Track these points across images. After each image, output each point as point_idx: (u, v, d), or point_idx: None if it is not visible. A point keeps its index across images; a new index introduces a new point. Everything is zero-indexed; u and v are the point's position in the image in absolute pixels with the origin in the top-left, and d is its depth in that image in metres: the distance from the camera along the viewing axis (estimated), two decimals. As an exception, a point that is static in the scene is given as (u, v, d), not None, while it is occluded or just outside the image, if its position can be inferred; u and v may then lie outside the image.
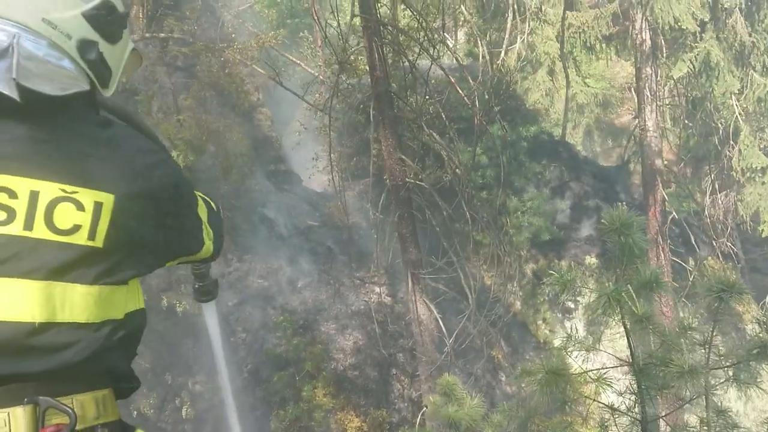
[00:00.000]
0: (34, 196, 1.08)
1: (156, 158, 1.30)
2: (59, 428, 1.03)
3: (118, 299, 1.17)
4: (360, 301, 12.86)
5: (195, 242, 1.45)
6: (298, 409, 10.91)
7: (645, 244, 3.46)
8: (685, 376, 2.85)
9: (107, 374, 1.17)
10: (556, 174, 14.27)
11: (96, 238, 1.12)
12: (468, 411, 4.49)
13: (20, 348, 1.03)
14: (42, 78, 1.13)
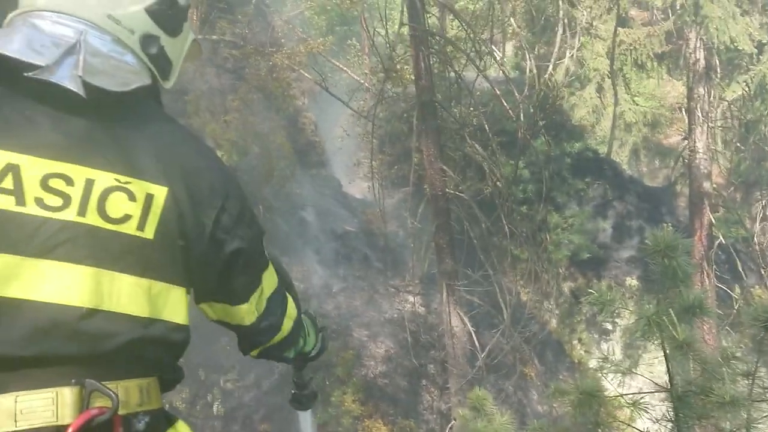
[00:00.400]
0: (89, 184, 1.10)
1: (218, 165, 1.30)
2: (102, 411, 1.04)
3: (172, 301, 1.17)
4: (393, 310, 12.84)
5: (241, 287, 1.34)
6: (327, 414, 10.94)
7: (690, 267, 3.36)
8: (725, 407, 2.74)
9: (153, 365, 1.18)
10: (599, 192, 14.01)
11: (145, 229, 1.13)
12: (497, 427, 4.42)
13: (69, 331, 1.05)
14: (106, 74, 1.16)
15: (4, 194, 1.06)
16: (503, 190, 9.13)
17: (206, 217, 1.21)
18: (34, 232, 1.06)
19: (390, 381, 11.72)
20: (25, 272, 1.04)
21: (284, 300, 1.49)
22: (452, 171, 9.61)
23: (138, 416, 1.13)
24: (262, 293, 1.39)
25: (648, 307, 3.39)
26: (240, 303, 1.35)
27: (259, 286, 1.37)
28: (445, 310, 9.04)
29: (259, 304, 1.38)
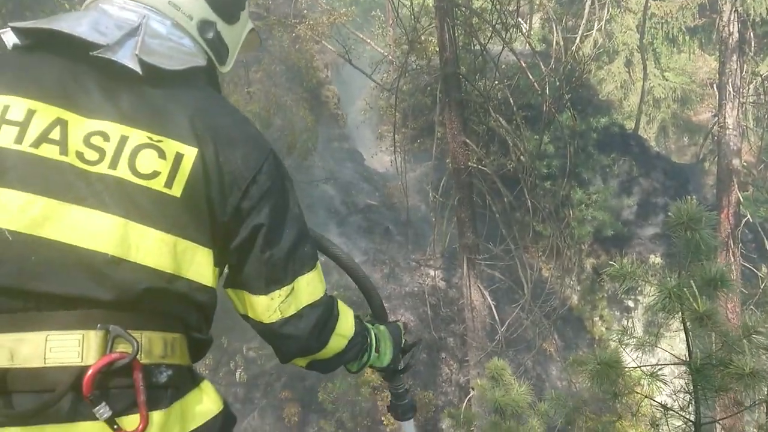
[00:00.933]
0: (123, 140, 1.17)
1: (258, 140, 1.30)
2: (123, 355, 1.09)
3: (198, 261, 1.20)
4: (414, 283, 12.90)
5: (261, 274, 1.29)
6: (346, 383, 11.09)
7: (713, 241, 3.33)
8: (745, 379, 2.73)
9: (178, 321, 1.22)
10: (625, 168, 13.81)
11: (173, 187, 1.17)
12: (515, 397, 4.46)
13: (96, 275, 1.10)
14: (162, 55, 1.25)
15: (51, 144, 1.14)
16: (527, 165, 9.04)
17: (235, 186, 1.23)
18: (72, 181, 1.13)
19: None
20: (59, 216, 1.11)
21: (332, 316, 1.43)
22: (475, 145, 9.54)
23: (160, 368, 1.16)
24: (293, 296, 1.32)
25: (669, 280, 3.37)
26: (259, 293, 1.31)
27: (289, 285, 1.31)
28: (466, 284, 9.06)
29: (285, 305, 1.32)
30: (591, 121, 13.69)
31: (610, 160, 13.72)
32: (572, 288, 13.23)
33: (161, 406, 1.14)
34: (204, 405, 1.25)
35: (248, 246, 1.28)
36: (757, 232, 11.71)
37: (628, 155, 14.00)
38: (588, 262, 13.18)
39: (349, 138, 16.70)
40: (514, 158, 9.15)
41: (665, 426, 3.98)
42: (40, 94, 1.16)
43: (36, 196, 1.10)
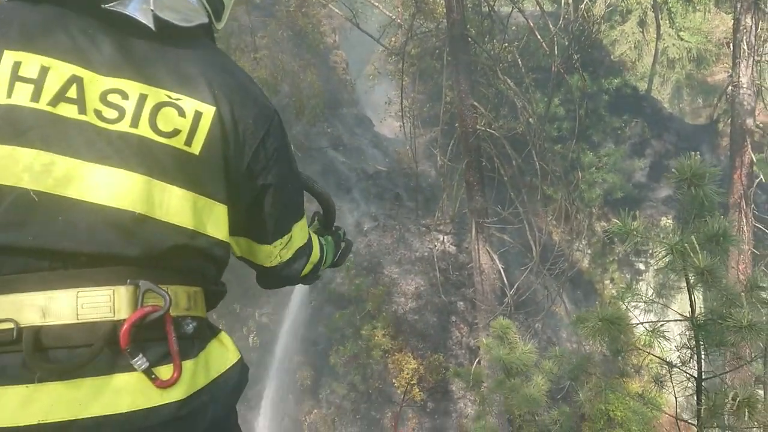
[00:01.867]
0: (142, 99, 1.17)
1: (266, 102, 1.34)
2: (156, 308, 1.11)
3: (215, 217, 1.23)
4: (424, 248, 12.95)
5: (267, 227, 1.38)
6: (357, 347, 11.26)
7: (717, 196, 3.30)
8: (743, 332, 2.75)
9: (198, 276, 1.25)
10: (637, 130, 13.62)
11: (192, 145, 1.19)
12: (520, 355, 4.52)
13: (123, 233, 1.12)
14: (172, 9, 1.25)
15: (69, 103, 1.14)
16: (536, 128, 8.97)
17: (247, 147, 1.26)
18: (93, 140, 1.13)
19: (420, 317, 11.94)
20: (83, 175, 1.11)
21: (311, 250, 1.56)
22: (484, 108, 9.46)
23: (186, 320, 1.20)
24: (291, 242, 1.45)
25: (673, 237, 3.37)
26: (263, 243, 1.41)
27: (288, 234, 1.43)
28: (475, 248, 9.08)
29: (284, 251, 1.44)
30: (603, 83, 13.48)
31: (621, 122, 13.54)
32: (582, 251, 13.22)
33: (190, 356, 1.17)
34: (224, 355, 1.28)
35: (257, 203, 1.34)
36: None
37: (640, 117, 13.81)
38: (598, 225, 13.13)
39: (358, 104, 16.60)
40: (523, 121, 9.06)
41: (669, 382, 4.02)
42: (52, 50, 1.15)
43: (58, 156, 1.10)
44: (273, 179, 1.32)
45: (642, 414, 4.43)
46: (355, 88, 16.60)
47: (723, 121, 14.34)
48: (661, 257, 3.39)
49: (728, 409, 2.95)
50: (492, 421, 6.96)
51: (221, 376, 1.24)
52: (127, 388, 1.08)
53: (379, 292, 11.96)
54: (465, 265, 12.53)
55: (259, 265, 1.46)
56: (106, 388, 1.07)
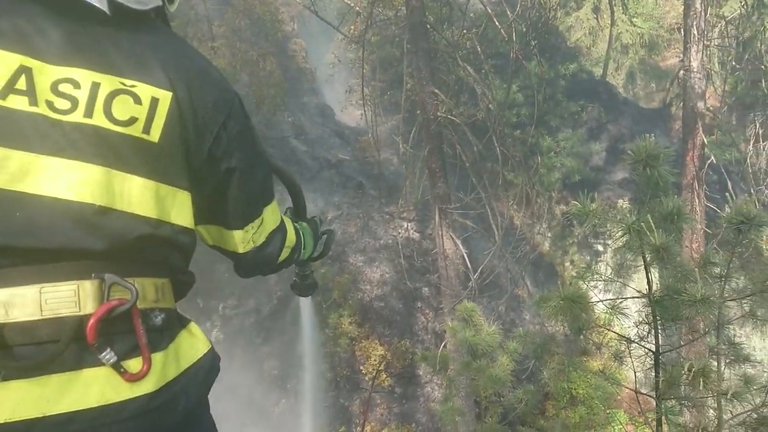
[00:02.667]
0: (96, 87, 1.14)
1: (226, 85, 1.32)
2: (122, 302, 1.10)
3: (178, 205, 1.21)
4: (388, 236, 13.02)
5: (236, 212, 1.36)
6: (324, 335, 11.28)
7: (671, 177, 3.42)
8: (696, 306, 2.87)
9: (165, 266, 1.23)
10: (593, 115, 13.92)
11: (151, 132, 1.16)
12: (485, 337, 4.61)
13: (86, 226, 1.09)
14: None
15: (18, 95, 1.10)
16: (496, 114, 9.07)
17: (207, 131, 1.24)
18: (47, 132, 1.10)
19: (386, 304, 12.02)
20: (39, 169, 1.08)
21: (285, 233, 1.54)
22: (445, 95, 9.52)
23: (154, 312, 1.18)
24: (263, 226, 1.43)
25: (629, 217, 3.48)
26: (235, 228, 1.39)
27: (259, 217, 1.41)
28: (438, 233, 9.18)
29: (257, 235, 1.42)
30: (559, 69, 13.71)
31: (578, 107, 13.80)
32: (543, 234, 13.48)
33: (160, 348, 1.17)
34: (194, 345, 1.28)
35: (222, 188, 1.32)
36: (720, 174, 11.99)
37: (596, 102, 14.10)
38: (558, 208, 13.40)
39: (319, 92, 16.50)
40: (483, 107, 9.16)
41: (628, 358, 4.16)
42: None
43: (11, 150, 1.07)
44: (237, 162, 1.31)
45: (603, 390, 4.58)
46: (316, 76, 16.48)
47: (675, 105, 14.75)
48: (618, 237, 3.50)
49: (684, 380, 3.08)
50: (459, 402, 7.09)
51: (192, 367, 1.24)
52: (96, 383, 1.07)
53: (345, 281, 11.99)
54: (429, 251, 12.65)
55: (232, 252, 1.43)
56: (74, 384, 1.06)
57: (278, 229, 1.50)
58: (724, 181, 12.28)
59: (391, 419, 10.97)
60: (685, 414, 4.08)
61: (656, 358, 3.79)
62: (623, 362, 4.53)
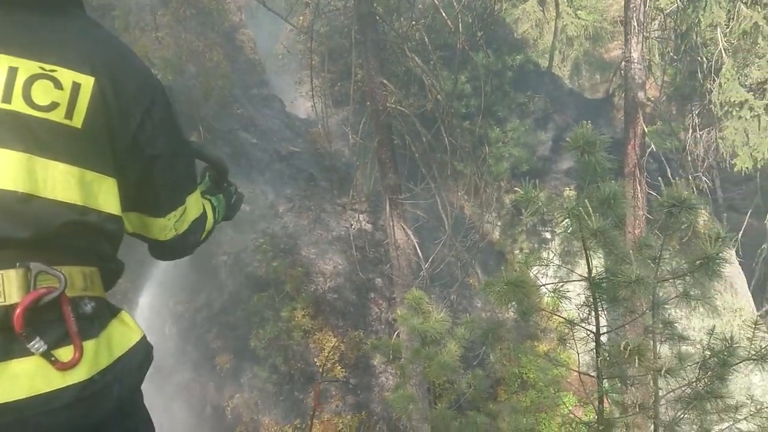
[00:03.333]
0: (13, 72, 1.11)
1: (149, 72, 1.30)
2: (50, 290, 1.08)
3: (105, 191, 1.19)
4: (341, 227, 13.01)
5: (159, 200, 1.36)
6: (277, 329, 11.21)
7: (608, 163, 3.53)
8: (632, 286, 2.98)
9: (92, 254, 1.21)
10: (539, 105, 14.20)
11: (74, 118, 1.14)
12: (434, 324, 4.67)
13: (9, 214, 1.07)
14: None
15: None
16: (444, 105, 9.16)
17: (132, 117, 1.23)
18: None
19: (339, 295, 12.02)
20: None
21: (206, 220, 1.55)
22: (394, 86, 9.55)
23: (84, 300, 1.16)
24: (185, 215, 1.43)
25: (569, 202, 3.57)
26: (157, 216, 1.38)
27: (182, 205, 1.41)
28: (389, 224, 9.23)
29: (179, 223, 1.43)
30: (507, 60, 13.92)
31: (525, 97, 14.06)
32: (492, 223, 13.71)
33: (91, 336, 1.15)
34: (126, 334, 1.26)
35: (147, 175, 1.30)
36: (661, 162, 12.41)
37: (542, 93, 14.38)
38: (507, 197, 13.64)
39: (268, 84, 16.29)
40: (431, 98, 9.23)
41: (572, 340, 4.29)
42: None
43: None
44: (162, 149, 1.30)
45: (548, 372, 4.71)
46: (265, 68, 16.27)
47: (618, 95, 15.16)
48: (559, 222, 3.61)
49: (621, 358, 3.20)
50: (411, 390, 7.17)
51: (125, 355, 1.22)
52: (25, 373, 1.05)
53: (298, 273, 11.93)
54: (381, 242, 12.70)
55: (153, 240, 1.43)
56: (1, 376, 1.03)
57: (201, 217, 1.51)
58: (665, 169, 12.74)
59: (345, 410, 11.01)
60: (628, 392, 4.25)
61: (597, 339, 3.92)
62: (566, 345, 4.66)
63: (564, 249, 10.67)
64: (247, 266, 12.09)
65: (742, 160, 10.73)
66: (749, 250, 17.21)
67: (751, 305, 13.38)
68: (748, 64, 11.74)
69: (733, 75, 10.32)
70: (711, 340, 3.81)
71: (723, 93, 10.42)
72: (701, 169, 13.28)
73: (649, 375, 3.73)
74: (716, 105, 10.77)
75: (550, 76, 15.42)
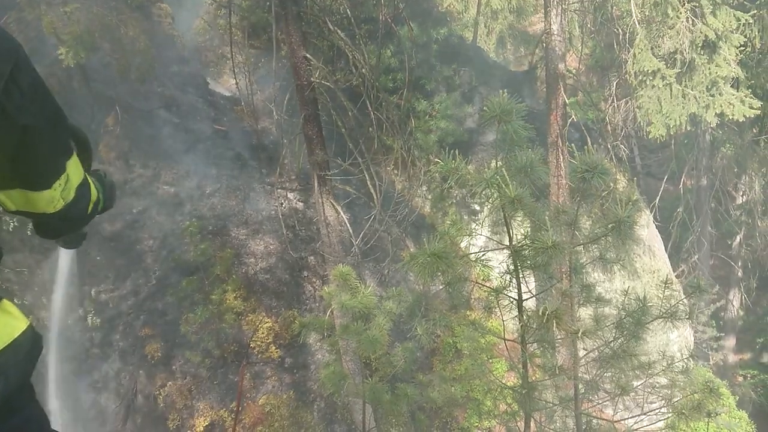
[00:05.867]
0: None
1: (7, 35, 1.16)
2: None
3: None
4: (271, 207, 12.79)
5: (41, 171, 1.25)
6: (208, 312, 10.97)
7: (525, 131, 3.56)
8: (548, 251, 3.03)
9: None
10: (465, 78, 14.32)
11: None
12: (361, 299, 4.65)
13: None
14: None
15: None
16: (369, 79, 9.07)
17: None
18: None
19: (271, 276, 11.87)
20: None
21: (89, 186, 1.45)
22: (318, 60, 9.37)
23: None
24: (69, 182, 1.33)
25: (487, 171, 3.59)
26: (42, 188, 1.27)
27: (64, 173, 1.31)
28: (318, 201, 9.13)
29: (65, 192, 1.33)
30: (431, 33, 13.92)
31: (451, 71, 14.13)
32: (423, 197, 13.81)
33: None
34: (9, 323, 1.17)
35: (23, 146, 1.19)
36: (582, 132, 12.79)
37: (468, 66, 14.49)
38: (437, 171, 13.74)
39: (190, 61, 15.67)
40: (355, 72, 9.13)
41: (496, 308, 4.36)
42: None
43: None
44: (36, 118, 1.19)
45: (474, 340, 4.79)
46: (185, 44, 15.63)
47: (540, 68, 15.48)
48: (480, 191, 3.63)
49: (540, 323, 3.27)
50: (345, 366, 7.18)
51: (8, 348, 1.13)
52: None
53: (228, 255, 11.69)
54: (313, 220, 12.58)
55: (41, 214, 1.33)
56: None
57: (84, 183, 1.41)
58: (586, 138, 13.15)
59: (282, 390, 10.94)
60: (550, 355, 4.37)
61: (519, 305, 4.00)
62: (493, 313, 4.74)
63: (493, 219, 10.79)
64: (175, 250, 11.74)
65: (656, 128, 11.19)
66: (666, 214, 18.14)
67: (668, 266, 14.10)
68: (661, 35, 12.18)
69: (646, 45, 10.70)
70: (626, 301, 3.96)
71: (637, 63, 10.79)
72: (620, 137, 13.78)
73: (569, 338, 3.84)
74: (631, 75, 11.15)
75: (476, 50, 15.56)
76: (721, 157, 17.63)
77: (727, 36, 11.04)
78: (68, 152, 1.34)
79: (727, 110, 10.96)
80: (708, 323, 18.12)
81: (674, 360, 4.02)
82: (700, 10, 11.01)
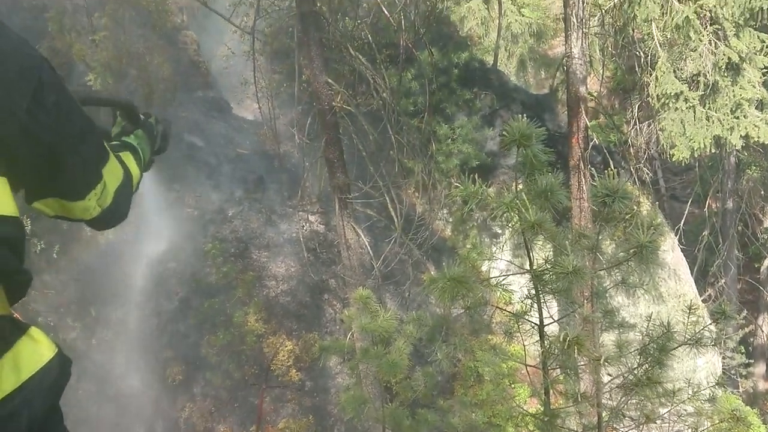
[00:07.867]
0: None
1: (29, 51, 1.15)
2: None
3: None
4: (292, 229, 12.87)
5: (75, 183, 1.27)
6: (229, 335, 11.01)
7: (545, 155, 3.55)
8: (569, 277, 3.00)
9: None
10: (486, 102, 14.36)
11: None
12: (381, 323, 4.64)
13: None
14: None
15: None
16: (390, 103, 9.15)
17: (16, 106, 1.09)
18: None
19: (292, 298, 11.89)
20: None
21: (131, 180, 1.48)
22: (339, 85, 9.49)
23: None
24: (105, 189, 1.33)
25: (507, 195, 3.59)
26: (77, 200, 1.28)
27: (100, 181, 1.31)
28: (339, 224, 9.17)
29: (102, 199, 1.33)
30: (452, 57, 14.02)
31: (471, 94, 14.19)
32: (444, 220, 13.78)
33: None
34: (36, 351, 1.16)
35: (53, 163, 1.19)
36: (604, 154, 12.71)
37: (489, 89, 14.54)
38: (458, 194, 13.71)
39: (214, 86, 15.98)
40: (376, 96, 9.22)
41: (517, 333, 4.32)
42: None
43: None
44: (63, 135, 1.19)
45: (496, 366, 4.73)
46: (210, 70, 15.96)
47: (561, 90, 15.46)
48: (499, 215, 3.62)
49: (561, 349, 3.23)
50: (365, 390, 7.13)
51: (35, 376, 1.12)
52: None
53: (249, 278, 11.75)
54: (333, 243, 12.61)
55: (80, 219, 1.36)
56: None
57: (124, 182, 1.42)
58: (608, 161, 13.06)
59: (301, 413, 10.89)
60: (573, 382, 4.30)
61: (540, 331, 3.96)
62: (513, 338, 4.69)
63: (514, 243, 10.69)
64: (197, 273, 11.84)
65: (679, 151, 11.07)
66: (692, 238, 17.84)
67: (694, 291, 13.84)
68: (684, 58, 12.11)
69: (668, 68, 10.64)
70: (650, 327, 3.89)
71: (659, 85, 10.73)
72: (643, 160, 13.66)
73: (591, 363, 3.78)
74: (653, 97, 11.08)
75: (496, 73, 15.62)
76: (747, 179, 17.35)
77: (751, 58, 10.94)
78: (103, 159, 1.34)
79: (752, 132, 10.81)
80: (737, 349, 17.66)
81: (701, 387, 3.93)
82: (723, 33, 10.94)
